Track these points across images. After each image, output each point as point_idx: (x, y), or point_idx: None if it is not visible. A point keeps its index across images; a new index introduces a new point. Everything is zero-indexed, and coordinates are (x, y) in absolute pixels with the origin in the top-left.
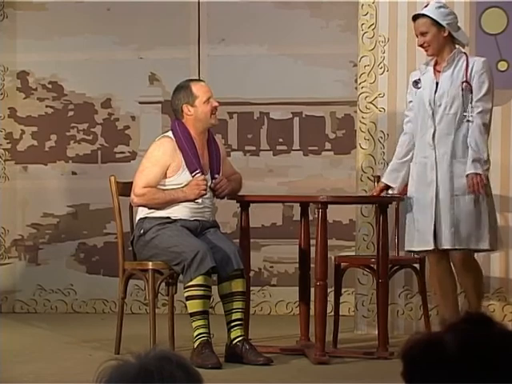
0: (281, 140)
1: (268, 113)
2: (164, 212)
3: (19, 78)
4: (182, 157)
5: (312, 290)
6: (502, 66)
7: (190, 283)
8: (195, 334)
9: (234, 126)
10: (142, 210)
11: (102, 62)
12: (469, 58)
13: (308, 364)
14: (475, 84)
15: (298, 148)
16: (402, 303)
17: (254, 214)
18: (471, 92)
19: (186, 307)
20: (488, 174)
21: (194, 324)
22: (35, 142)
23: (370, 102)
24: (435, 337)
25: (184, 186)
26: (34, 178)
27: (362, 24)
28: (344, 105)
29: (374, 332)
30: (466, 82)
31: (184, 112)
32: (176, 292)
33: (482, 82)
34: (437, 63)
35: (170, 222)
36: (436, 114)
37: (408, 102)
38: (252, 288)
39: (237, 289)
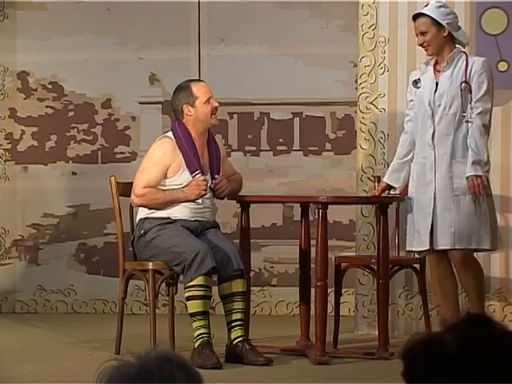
0: (281, 140)
1: (268, 113)
2: (164, 212)
3: (19, 78)
4: (182, 157)
5: (312, 290)
6: (502, 66)
7: (191, 283)
8: (195, 335)
9: (234, 127)
10: (142, 211)
11: (102, 63)
12: (469, 57)
13: (308, 364)
14: (474, 84)
15: (299, 148)
16: (403, 303)
17: (255, 215)
18: (470, 92)
19: (187, 307)
20: (488, 175)
21: (195, 324)
22: (35, 143)
23: (371, 103)
24: (435, 337)
25: (184, 187)
26: (35, 179)
27: (363, 24)
28: (344, 105)
29: (375, 332)
30: (466, 82)
31: (184, 112)
32: (176, 292)
33: (482, 81)
34: (437, 63)
35: (170, 222)
36: (435, 114)
37: (408, 100)
38: (252, 288)
39: (237, 289)
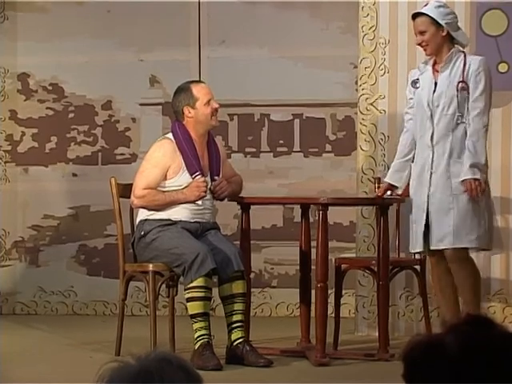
0: (281, 142)
1: (268, 114)
2: (164, 214)
3: (20, 80)
4: (182, 158)
5: (312, 291)
6: (503, 67)
7: (191, 285)
8: (196, 336)
9: (234, 128)
10: (142, 212)
11: (102, 64)
12: (467, 57)
13: (308, 366)
14: (472, 83)
15: (299, 150)
16: (403, 305)
17: (255, 216)
18: (468, 92)
19: (187, 309)
20: (486, 177)
21: (195, 326)
22: (36, 144)
23: (371, 104)
24: (436, 338)
25: (184, 188)
26: (35, 180)
27: (363, 26)
28: (344, 106)
29: (375, 334)
30: (463, 81)
31: (185, 114)
32: (176, 294)
33: (479, 81)
34: (436, 63)
35: (170, 223)
36: (434, 114)
37: (408, 98)
38: (252, 290)
39: (237, 290)
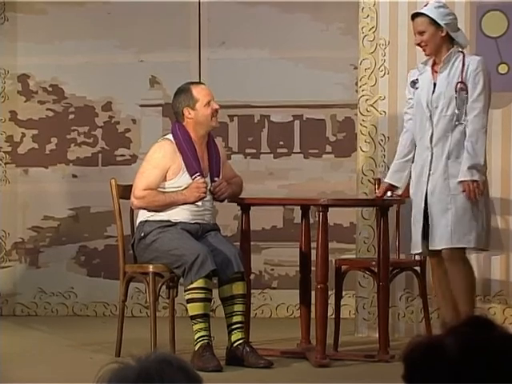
0: (281, 143)
1: (269, 116)
2: (164, 215)
3: (20, 81)
4: (181, 159)
5: (313, 292)
6: (503, 68)
7: (191, 286)
8: (196, 337)
9: (234, 129)
10: (142, 213)
11: (102, 65)
12: (465, 57)
13: (309, 367)
14: (470, 84)
15: (299, 151)
16: (403, 306)
17: (255, 217)
18: (466, 92)
19: (187, 310)
20: (485, 178)
21: (195, 327)
22: (36, 145)
23: (371, 105)
24: (436, 340)
25: (184, 189)
26: (35, 181)
27: (363, 27)
28: (344, 108)
29: (375, 335)
30: (462, 82)
31: (185, 115)
32: (177, 295)
33: (477, 81)
34: (435, 63)
35: (170, 225)
36: (433, 115)
37: (408, 99)
38: (252, 291)
39: (237, 292)
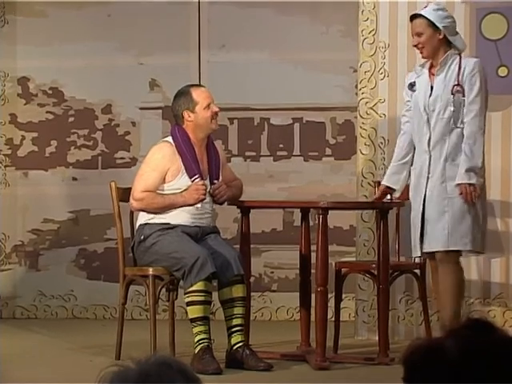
0: (281, 146)
1: (268, 118)
2: (164, 218)
3: (20, 83)
4: (181, 162)
5: (312, 295)
6: (502, 71)
7: (191, 289)
8: (196, 340)
9: (234, 132)
10: (142, 216)
11: (102, 68)
12: (462, 59)
13: (309, 370)
14: (467, 86)
15: (299, 153)
16: (403, 309)
17: (255, 220)
18: (463, 94)
19: (187, 313)
20: (482, 181)
21: (195, 330)
22: (36, 148)
23: (371, 108)
24: (436, 342)
25: (183, 191)
26: (35, 184)
27: (363, 30)
28: (344, 110)
29: (375, 338)
30: (458, 84)
31: (184, 118)
32: (176, 298)
33: (474, 82)
34: (432, 66)
35: (170, 227)
36: (431, 118)
37: (405, 101)
38: (252, 294)
39: (237, 294)
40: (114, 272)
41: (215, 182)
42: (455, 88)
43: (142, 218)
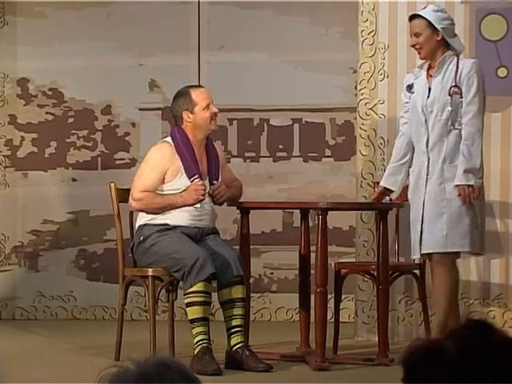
0: (281, 146)
1: (268, 119)
2: (164, 219)
3: (19, 84)
4: (180, 162)
5: (312, 296)
6: (502, 72)
7: (190, 290)
8: (195, 341)
9: (233, 133)
10: (141, 217)
11: (102, 69)
12: (460, 60)
13: (308, 370)
14: (464, 86)
15: (298, 154)
16: (403, 309)
17: (254, 221)
18: (461, 96)
19: (186, 314)
20: (481, 182)
21: (194, 330)
22: (35, 149)
23: (370, 109)
24: (436, 343)
25: (182, 191)
26: (34, 185)
27: (362, 30)
28: (344, 111)
29: (374, 338)
30: (456, 86)
31: (184, 118)
32: (176, 298)
33: (471, 83)
34: (430, 67)
35: (169, 228)
36: (429, 120)
37: (404, 103)
38: (252, 294)
39: (237, 295)
40: (113, 273)
41: (215, 182)
42: (453, 89)
43: (142, 219)
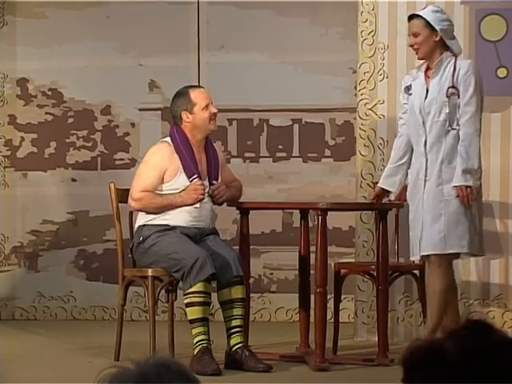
0: (280, 147)
1: (268, 119)
2: (163, 219)
3: (19, 85)
4: (179, 161)
5: (312, 296)
6: (502, 72)
7: (190, 290)
8: (195, 341)
9: (233, 133)
10: (141, 217)
11: (101, 69)
12: (457, 61)
13: (308, 371)
14: (462, 87)
15: (298, 155)
16: (402, 310)
17: (254, 221)
18: (459, 97)
19: (186, 314)
20: (479, 183)
21: (194, 331)
22: (35, 149)
23: (370, 109)
24: (436, 343)
25: (181, 191)
26: (34, 185)
27: (362, 31)
28: (344, 111)
29: (374, 339)
30: (453, 87)
31: (183, 119)
32: (176, 299)
33: (468, 84)
34: (428, 68)
35: (169, 229)
36: (426, 121)
37: (402, 103)
38: (252, 295)
39: (236, 295)
40: (113, 273)
41: (214, 182)
42: (450, 90)
43: (141, 219)
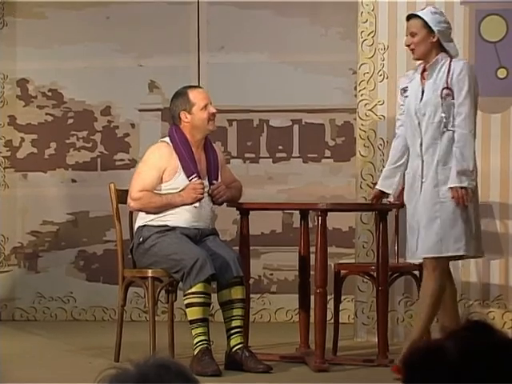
0: (280, 147)
1: (268, 120)
2: (163, 219)
3: (19, 85)
4: (178, 161)
5: (312, 297)
6: (502, 73)
7: (190, 290)
8: (195, 342)
9: (233, 134)
10: (141, 218)
11: (101, 70)
12: (452, 62)
13: (308, 371)
14: (456, 88)
15: (298, 155)
16: (402, 310)
17: (254, 222)
18: (453, 97)
19: (186, 315)
20: (474, 184)
21: (194, 331)
22: (35, 150)
23: (370, 110)
24: (436, 344)
25: (181, 191)
26: (34, 186)
27: (362, 31)
28: (344, 112)
29: (374, 339)
30: (447, 88)
31: (181, 119)
32: (176, 299)
33: (462, 84)
34: (424, 70)
35: (168, 229)
36: (422, 123)
37: (400, 105)
38: (252, 295)
39: (236, 296)
40: (113, 274)
41: (214, 182)
42: (445, 91)
43: (141, 220)
